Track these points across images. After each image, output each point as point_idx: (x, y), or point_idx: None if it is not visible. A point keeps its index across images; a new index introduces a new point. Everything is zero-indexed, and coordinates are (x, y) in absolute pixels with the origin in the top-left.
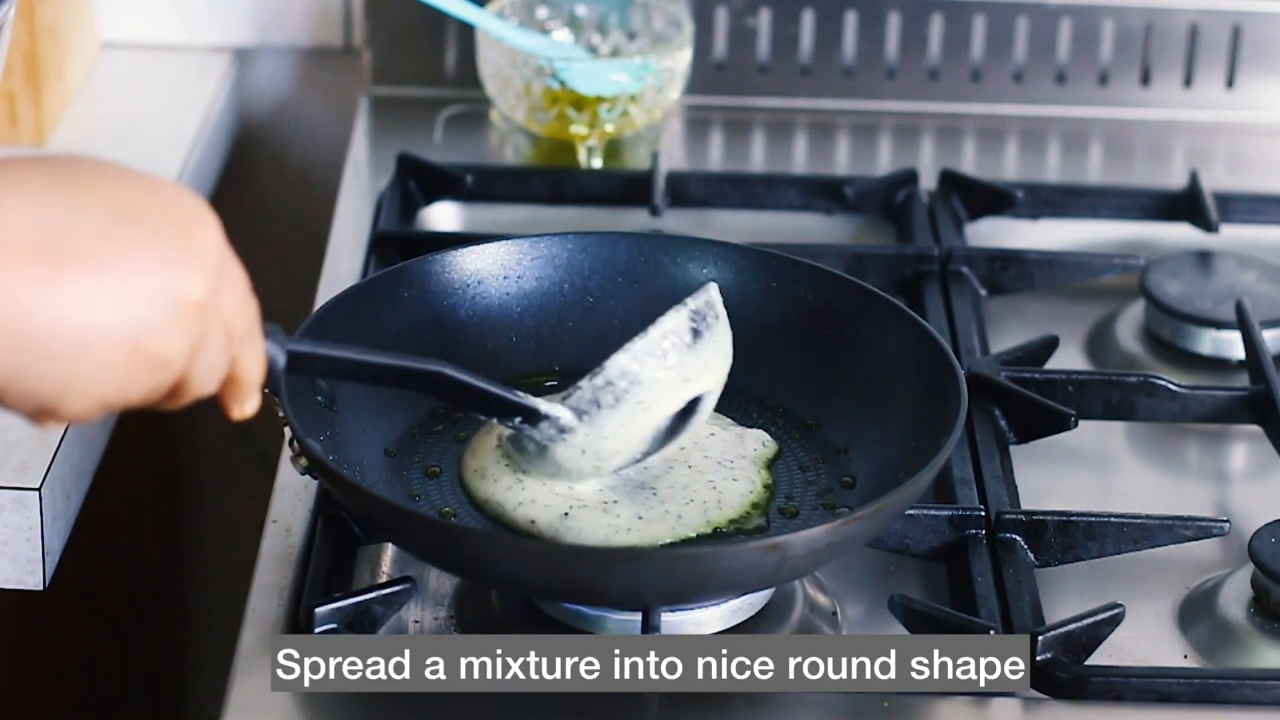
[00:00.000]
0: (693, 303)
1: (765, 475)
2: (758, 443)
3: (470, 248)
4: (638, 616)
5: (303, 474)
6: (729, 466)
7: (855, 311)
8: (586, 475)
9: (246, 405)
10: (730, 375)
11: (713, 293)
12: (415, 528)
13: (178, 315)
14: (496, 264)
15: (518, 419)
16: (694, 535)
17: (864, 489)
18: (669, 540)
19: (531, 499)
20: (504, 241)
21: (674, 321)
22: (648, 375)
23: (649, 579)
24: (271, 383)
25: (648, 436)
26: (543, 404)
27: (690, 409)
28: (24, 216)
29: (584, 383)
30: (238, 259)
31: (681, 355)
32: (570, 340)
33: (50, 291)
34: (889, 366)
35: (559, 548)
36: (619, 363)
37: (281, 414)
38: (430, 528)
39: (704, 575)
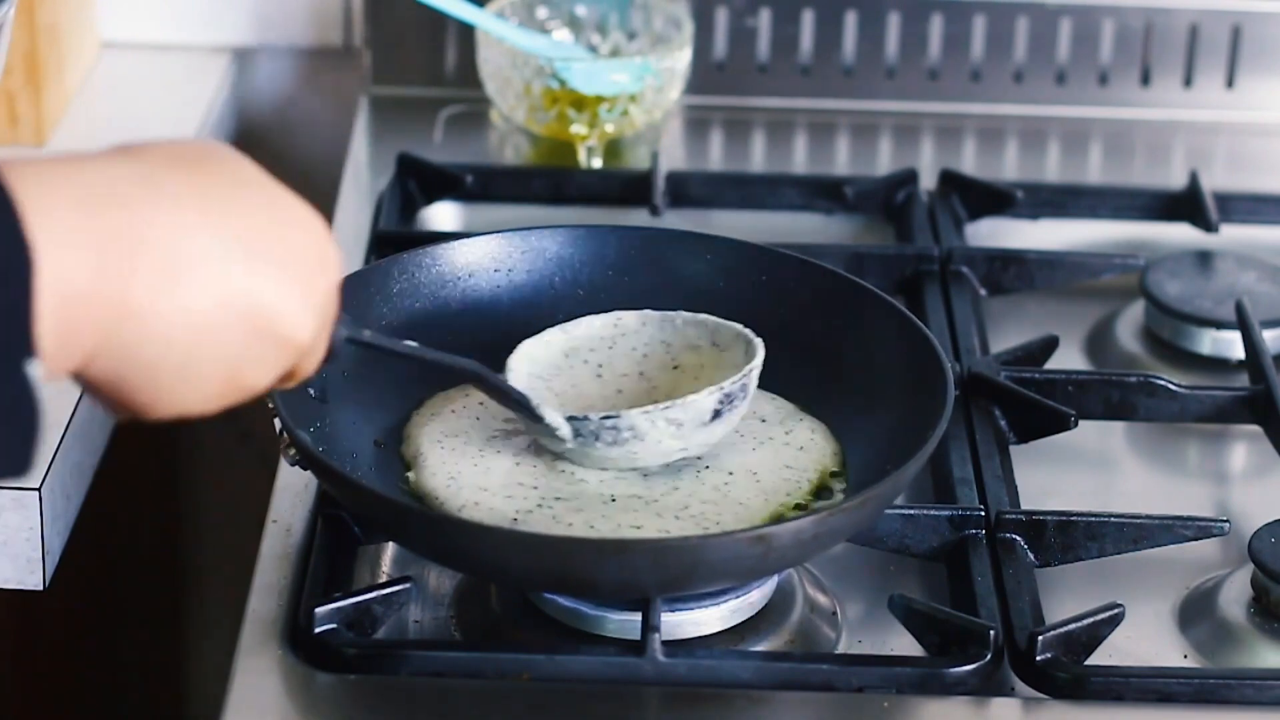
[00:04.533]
0: (729, 386)
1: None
2: (821, 458)
3: (460, 241)
4: (638, 616)
5: (293, 464)
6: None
7: (844, 305)
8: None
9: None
10: None
11: (753, 373)
12: (403, 518)
13: (277, 352)
14: (487, 257)
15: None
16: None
17: (852, 482)
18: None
19: (474, 501)
20: (494, 235)
21: (704, 401)
22: (653, 437)
23: (637, 569)
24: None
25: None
26: (549, 412)
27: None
28: (163, 239)
29: (593, 417)
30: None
31: (693, 430)
32: None
33: (168, 299)
34: (877, 360)
35: (540, 537)
36: (633, 417)
37: (271, 405)
38: (417, 518)
39: (691, 565)
